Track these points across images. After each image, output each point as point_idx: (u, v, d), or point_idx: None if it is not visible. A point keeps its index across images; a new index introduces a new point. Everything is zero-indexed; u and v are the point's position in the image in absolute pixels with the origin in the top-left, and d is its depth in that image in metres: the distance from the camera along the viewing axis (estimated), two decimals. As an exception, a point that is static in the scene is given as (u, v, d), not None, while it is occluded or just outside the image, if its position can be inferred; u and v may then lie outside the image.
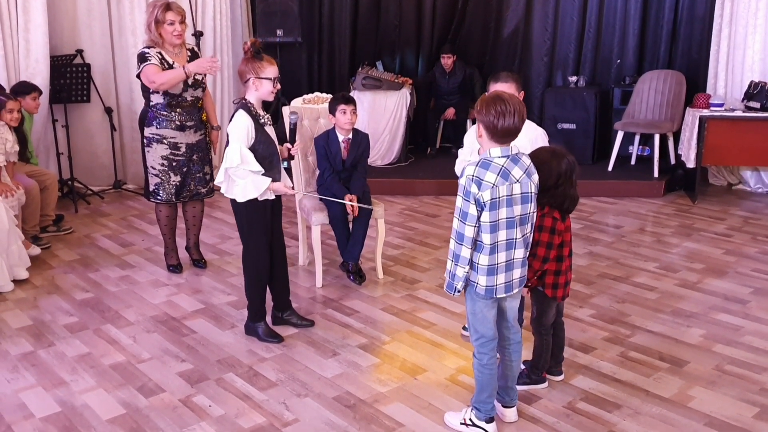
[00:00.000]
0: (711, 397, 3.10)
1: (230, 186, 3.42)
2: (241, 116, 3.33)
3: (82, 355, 3.54)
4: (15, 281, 4.36)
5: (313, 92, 5.02)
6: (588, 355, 3.49)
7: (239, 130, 3.30)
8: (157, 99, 4.24)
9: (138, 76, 4.23)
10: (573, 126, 7.10)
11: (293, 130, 3.60)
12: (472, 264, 2.66)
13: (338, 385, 3.22)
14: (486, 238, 2.61)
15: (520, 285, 2.77)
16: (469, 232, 2.59)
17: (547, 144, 3.27)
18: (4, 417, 2.99)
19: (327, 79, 8.18)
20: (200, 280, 4.51)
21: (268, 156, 3.38)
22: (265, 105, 3.56)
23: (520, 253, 2.70)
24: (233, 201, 3.45)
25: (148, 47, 4.20)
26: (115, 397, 3.15)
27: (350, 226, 4.32)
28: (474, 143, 3.05)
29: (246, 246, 3.57)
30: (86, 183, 6.44)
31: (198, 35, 6.25)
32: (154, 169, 4.38)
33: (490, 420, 2.82)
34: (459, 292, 2.67)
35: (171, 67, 4.18)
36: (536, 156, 2.96)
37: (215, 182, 3.56)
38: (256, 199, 3.40)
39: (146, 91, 4.27)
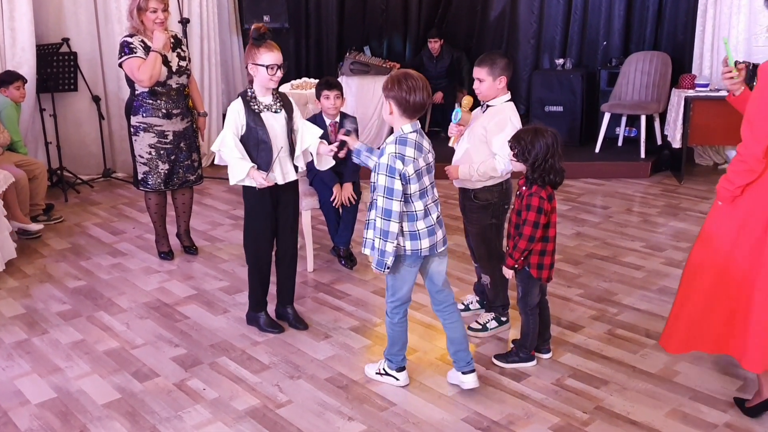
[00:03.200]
0: (696, 372, 3.17)
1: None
2: (235, 103, 3.34)
3: (76, 342, 3.57)
4: (5, 270, 4.37)
5: (301, 78, 5.04)
6: (576, 333, 3.55)
7: (229, 117, 3.32)
8: (142, 87, 4.25)
9: (120, 65, 4.23)
10: (560, 108, 7.14)
11: (342, 141, 3.17)
12: (410, 233, 2.80)
13: (331, 367, 3.27)
14: (419, 205, 2.80)
15: (445, 244, 2.93)
16: (396, 207, 2.72)
17: (520, 126, 3.31)
18: (1, 404, 3.02)
19: (315, 65, 8.18)
20: (192, 267, 4.54)
21: (255, 145, 3.32)
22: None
23: (437, 213, 2.91)
24: (243, 190, 3.45)
25: (131, 35, 4.20)
26: (109, 382, 3.18)
27: (340, 210, 4.35)
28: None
29: (245, 231, 3.57)
30: (75, 172, 6.43)
31: (184, 22, 6.23)
32: (142, 157, 4.39)
33: (400, 369, 3.09)
34: (389, 268, 2.80)
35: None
36: (521, 137, 3.02)
37: (215, 161, 3.53)
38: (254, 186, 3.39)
39: (131, 80, 4.28)
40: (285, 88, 4.69)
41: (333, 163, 3.54)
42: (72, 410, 2.97)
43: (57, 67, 6.11)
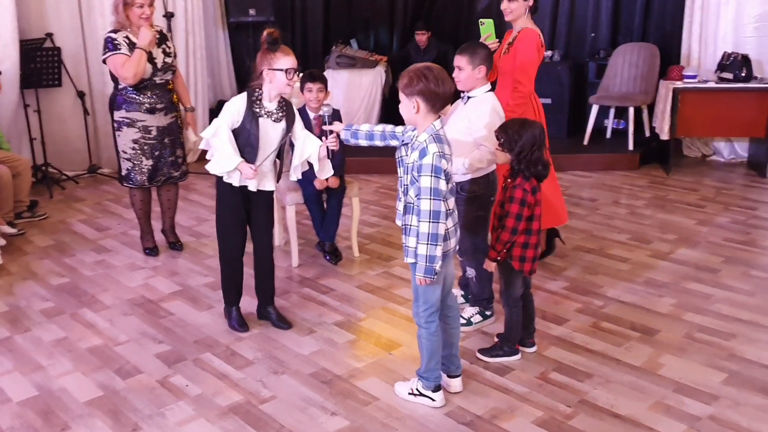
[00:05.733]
0: (680, 364, 3.17)
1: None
2: (239, 97, 3.30)
3: (58, 339, 3.54)
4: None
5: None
6: (561, 326, 3.55)
7: (228, 108, 3.27)
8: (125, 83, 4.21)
9: (104, 62, 4.19)
10: (549, 101, 7.07)
11: (329, 122, 3.26)
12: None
13: (315, 362, 3.26)
14: (451, 203, 2.73)
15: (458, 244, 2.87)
16: (443, 207, 2.63)
17: (503, 115, 3.30)
18: (-19, 403, 3.00)
19: (301, 58, 8.01)
20: (177, 263, 4.52)
21: (248, 146, 3.28)
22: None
23: None
24: (216, 177, 3.39)
25: (115, 30, 4.15)
26: (92, 379, 3.16)
27: (325, 205, 4.33)
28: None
29: (218, 223, 3.53)
30: (60, 168, 6.37)
31: (169, 16, 6.18)
32: (126, 153, 4.35)
33: (437, 388, 2.90)
34: (437, 274, 2.67)
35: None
36: (508, 127, 3.00)
37: (200, 146, 3.47)
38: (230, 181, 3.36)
39: (115, 76, 4.24)
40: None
41: (332, 171, 3.51)
42: (53, 408, 2.94)
43: (41, 62, 6.04)
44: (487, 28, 3.83)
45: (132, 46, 4.12)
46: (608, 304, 3.77)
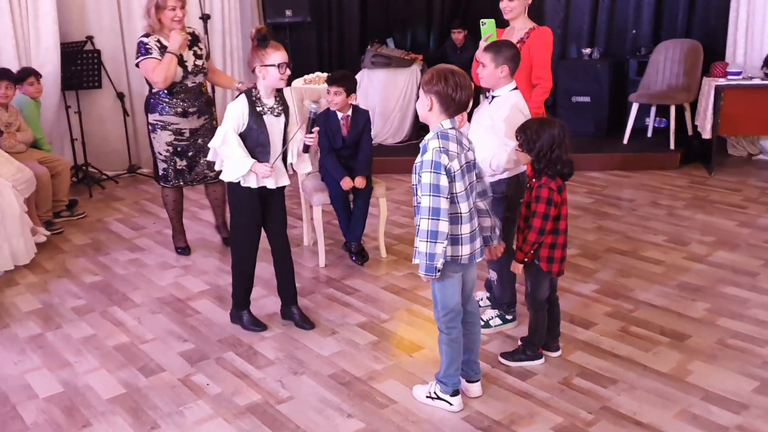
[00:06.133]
0: (710, 371, 3.06)
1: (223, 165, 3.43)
2: (239, 101, 3.32)
3: (87, 337, 3.61)
4: (26, 265, 4.47)
5: (324, 72, 4.99)
6: (588, 330, 3.46)
7: (231, 113, 3.29)
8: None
9: (137, 65, 4.27)
10: (587, 99, 6.99)
11: (312, 120, 3.43)
12: (452, 238, 2.65)
13: (335, 363, 3.25)
14: (464, 207, 2.65)
15: (482, 254, 2.81)
16: (444, 204, 2.57)
17: (528, 113, 3.25)
18: (10, 397, 3.07)
19: (337, 58, 8.15)
20: (207, 262, 4.57)
21: (259, 146, 3.32)
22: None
23: (477, 220, 2.77)
24: (228, 183, 3.44)
25: (147, 35, 4.22)
26: (116, 377, 3.21)
27: (351, 206, 4.32)
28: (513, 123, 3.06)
29: (233, 230, 3.56)
30: (101, 168, 6.52)
31: (205, 18, 6.24)
32: (161, 154, 4.43)
33: (455, 393, 2.85)
34: (439, 272, 2.63)
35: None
36: (527, 127, 2.95)
37: (208, 158, 3.54)
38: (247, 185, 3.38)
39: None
40: (298, 83, 4.66)
41: (309, 168, 3.60)
42: (77, 405, 3.00)
43: (81, 64, 6.19)
44: (488, 28, 3.84)
45: (163, 49, 4.17)
46: (639, 308, 3.67)
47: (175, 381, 3.16)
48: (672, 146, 6.45)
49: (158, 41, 4.20)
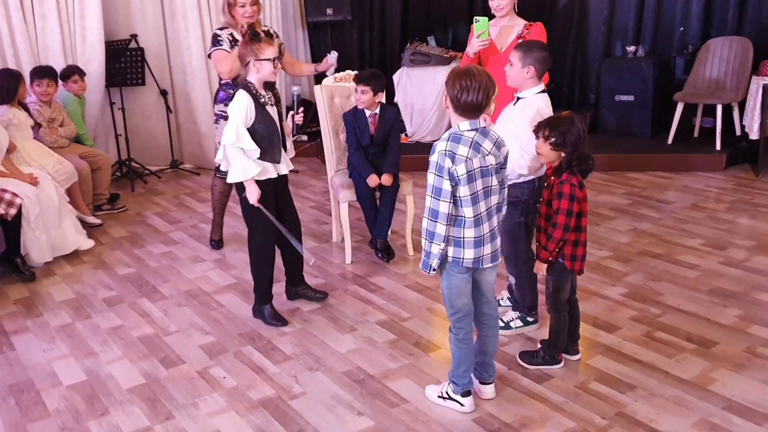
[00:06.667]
0: (735, 380, 2.96)
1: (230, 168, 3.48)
2: (241, 96, 3.36)
3: (114, 327, 3.70)
4: (75, 252, 4.69)
5: (344, 71, 4.99)
6: (611, 334, 3.38)
7: (238, 109, 3.33)
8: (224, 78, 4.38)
9: (209, 56, 4.40)
10: (631, 98, 6.82)
11: (298, 102, 3.66)
12: (455, 240, 2.62)
13: (350, 360, 3.25)
14: (468, 212, 2.59)
15: (494, 260, 2.73)
16: (443, 208, 2.55)
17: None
18: (35, 384, 3.17)
19: (378, 56, 8.15)
20: (237, 256, 4.63)
21: (268, 136, 3.39)
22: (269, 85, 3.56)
23: (495, 222, 2.71)
24: (238, 183, 3.47)
25: (222, 28, 4.33)
26: (138, 367, 3.28)
27: (378, 203, 4.32)
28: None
29: (252, 229, 3.60)
30: (144, 163, 6.68)
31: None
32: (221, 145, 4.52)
33: (466, 393, 2.82)
34: (434, 270, 2.64)
35: None
36: (555, 124, 2.88)
37: (216, 159, 3.64)
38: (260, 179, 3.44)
39: None
40: (328, 81, 4.67)
41: (293, 153, 3.71)
42: (98, 393, 3.08)
43: (125, 62, 6.35)
44: (481, 25, 3.81)
45: (234, 42, 4.27)
46: (666, 313, 3.56)
47: (193, 373, 3.21)
48: (718, 147, 6.24)
49: (231, 34, 4.30)
